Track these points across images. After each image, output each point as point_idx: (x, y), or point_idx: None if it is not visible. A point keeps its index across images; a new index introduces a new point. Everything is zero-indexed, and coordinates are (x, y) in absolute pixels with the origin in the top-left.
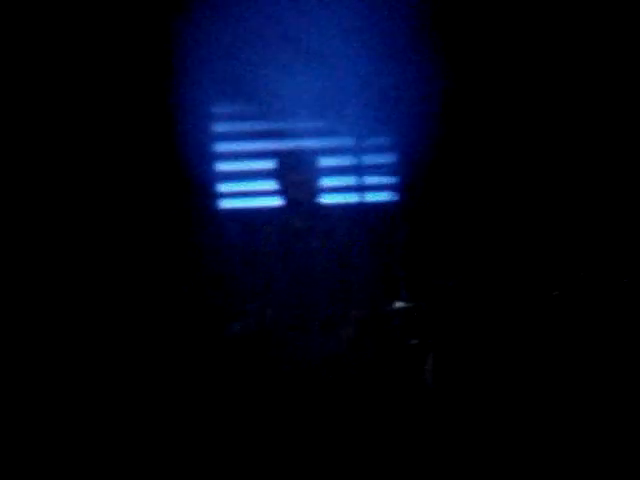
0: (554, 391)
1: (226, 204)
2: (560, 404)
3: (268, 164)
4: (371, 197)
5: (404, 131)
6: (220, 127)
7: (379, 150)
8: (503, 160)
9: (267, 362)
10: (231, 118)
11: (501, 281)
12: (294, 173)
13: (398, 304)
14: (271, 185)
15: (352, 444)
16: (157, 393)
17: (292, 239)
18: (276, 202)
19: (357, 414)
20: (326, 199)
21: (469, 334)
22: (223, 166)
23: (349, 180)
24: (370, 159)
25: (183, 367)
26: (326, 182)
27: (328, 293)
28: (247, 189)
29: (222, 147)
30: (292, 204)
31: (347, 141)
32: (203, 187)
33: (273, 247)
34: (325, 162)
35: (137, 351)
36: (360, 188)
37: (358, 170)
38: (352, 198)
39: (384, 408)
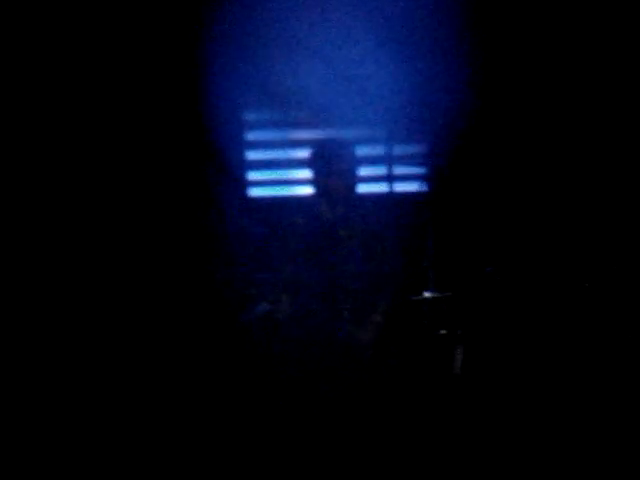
0: (583, 382)
1: (257, 192)
2: (591, 395)
3: (299, 153)
4: (400, 187)
5: (434, 122)
6: (251, 116)
7: (409, 140)
8: (533, 150)
9: (287, 347)
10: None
11: (530, 271)
12: (328, 162)
13: (427, 294)
14: (302, 174)
15: (378, 432)
16: (174, 375)
17: (322, 228)
18: (306, 191)
19: (385, 403)
20: (356, 189)
21: (498, 324)
22: (255, 154)
23: (379, 170)
24: (400, 149)
25: (202, 350)
26: (357, 172)
27: (357, 282)
28: (278, 177)
29: (254, 135)
30: (323, 193)
31: (377, 131)
32: (235, 175)
33: (303, 236)
34: (356, 152)
35: (161, 333)
36: (390, 178)
37: (388, 160)
38: (381, 188)
39: (412, 397)
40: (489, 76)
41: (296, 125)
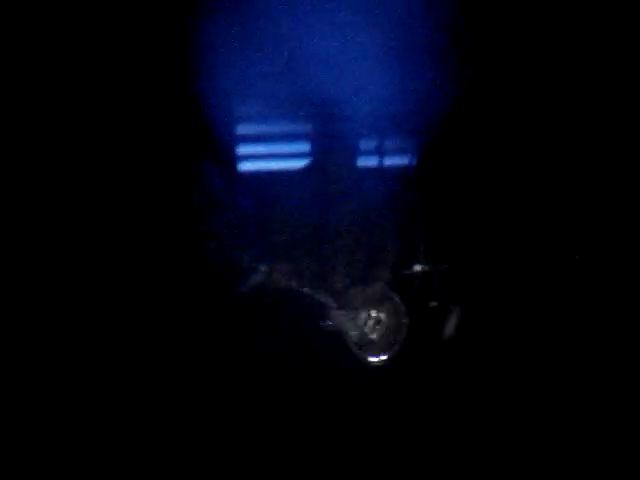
0: (574, 355)
1: (248, 166)
2: (580, 367)
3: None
4: (391, 161)
5: (424, 95)
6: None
7: (399, 114)
8: (524, 123)
9: (282, 318)
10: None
11: (521, 245)
12: (330, 139)
13: (417, 267)
14: (293, 148)
15: (369, 401)
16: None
17: (317, 202)
18: (298, 165)
19: (377, 374)
20: (355, 164)
21: (488, 296)
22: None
23: (370, 144)
24: (391, 123)
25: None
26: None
27: (349, 255)
28: (272, 151)
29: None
30: (322, 168)
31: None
32: (226, 149)
33: (296, 209)
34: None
35: (154, 305)
36: (381, 152)
37: (379, 134)
38: (372, 162)
39: (404, 369)
40: (476, 66)
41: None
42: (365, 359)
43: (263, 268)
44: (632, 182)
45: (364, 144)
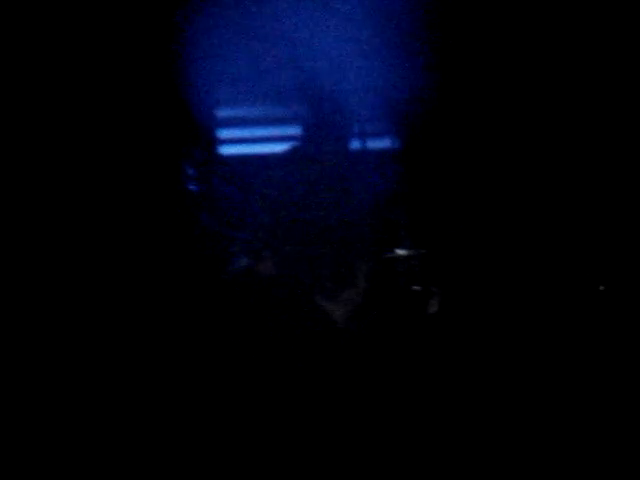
0: (559, 341)
1: (228, 150)
2: (564, 355)
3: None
4: (372, 144)
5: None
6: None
7: (380, 94)
8: (505, 105)
9: (268, 304)
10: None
11: (505, 229)
12: (324, 128)
13: (400, 251)
14: (275, 132)
15: (354, 388)
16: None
17: (304, 188)
18: (279, 148)
19: (362, 358)
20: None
21: (473, 280)
22: (225, 112)
23: (357, 129)
24: (371, 105)
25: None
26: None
27: (335, 242)
28: (253, 135)
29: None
30: (312, 155)
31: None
32: (204, 133)
33: (280, 194)
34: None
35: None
36: (361, 134)
37: (359, 117)
38: (353, 145)
39: (389, 355)
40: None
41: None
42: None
43: (248, 254)
44: (612, 172)
45: (352, 129)
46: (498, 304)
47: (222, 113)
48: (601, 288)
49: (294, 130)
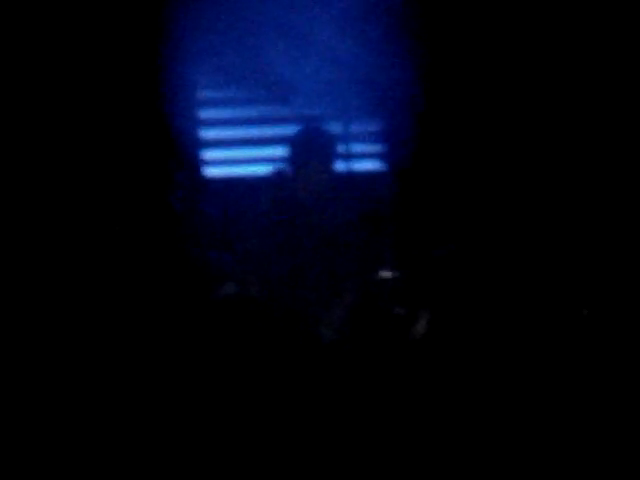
0: (544, 360)
1: (213, 172)
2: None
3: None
4: (358, 166)
5: (392, 102)
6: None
7: (366, 117)
8: (491, 129)
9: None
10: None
11: (490, 250)
12: (310, 151)
13: (385, 274)
14: (259, 153)
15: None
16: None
17: (291, 211)
18: (264, 170)
19: (349, 378)
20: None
21: (458, 301)
22: (210, 133)
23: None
24: (357, 127)
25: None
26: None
27: (321, 263)
28: (235, 157)
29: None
30: (299, 178)
31: (335, 108)
32: (189, 154)
33: (267, 217)
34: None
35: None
36: (347, 156)
37: (345, 138)
38: (339, 167)
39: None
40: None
41: (252, 102)
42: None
43: (234, 276)
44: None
45: (337, 151)
46: (484, 323)
47: (207, 134)
48: (585, 312)
49: (279, 151)
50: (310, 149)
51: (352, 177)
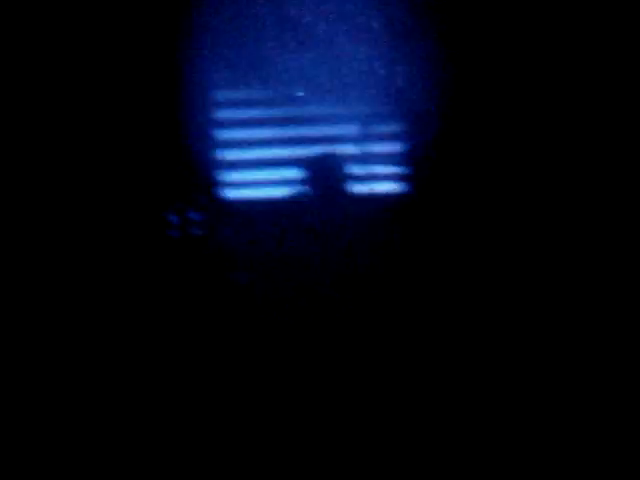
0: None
1: (230, 194)
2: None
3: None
4: (377, 187)
5: (412, 120)
6: (225, 113)
7: (383, 119)
8: (513, 154)
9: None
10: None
11: (506, 284)
12: (326, 180)
13: (390, 297)
14: (278, 174)
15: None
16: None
17: (309, 235)
18: (281, 192)
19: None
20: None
21: (458, 301)
22: (227, 154)
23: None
24: (374, 128)
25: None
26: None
27: (326, 285)
28: (254, 179)
29: (227, 134)
30: (315, 203)
31: (352, 129)
32: (206, 175)
33: (283, 241)
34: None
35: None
36: (361, 178)
37: (361, 140)
38: (353, 189)
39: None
40: (468, 73)
41: (271, 122)
42: None
43: (249, 301)
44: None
45: (351, 173)
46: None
47: (224, 155)
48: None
49: (295, 173)
50: (324, 172)
51: (367, 200)
